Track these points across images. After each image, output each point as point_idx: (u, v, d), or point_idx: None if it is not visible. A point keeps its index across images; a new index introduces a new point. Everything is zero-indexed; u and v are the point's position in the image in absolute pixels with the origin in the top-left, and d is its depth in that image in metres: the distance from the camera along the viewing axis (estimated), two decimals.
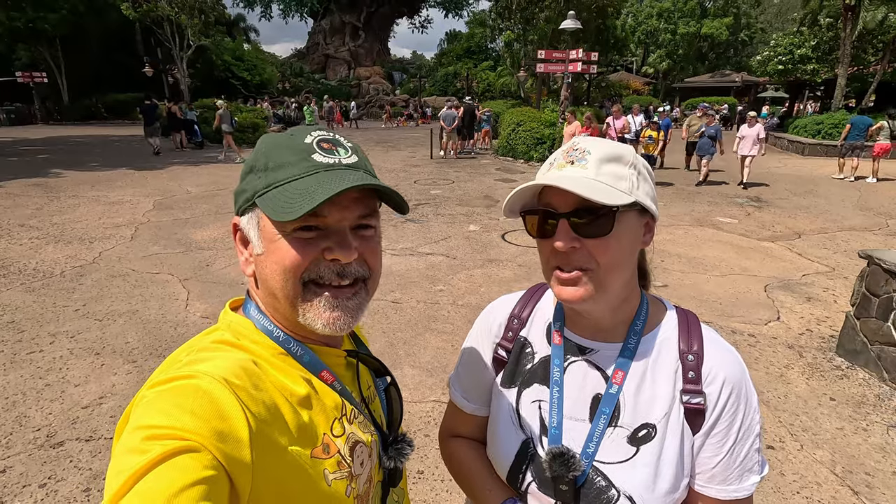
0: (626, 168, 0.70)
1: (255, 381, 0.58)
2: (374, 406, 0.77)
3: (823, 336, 3.95)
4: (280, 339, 0.65)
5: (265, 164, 0.62)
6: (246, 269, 0.67)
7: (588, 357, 0.79)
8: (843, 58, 17.73)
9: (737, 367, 0.75)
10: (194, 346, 0.62)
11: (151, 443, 0.47)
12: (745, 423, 0.73)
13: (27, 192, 9.28)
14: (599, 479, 0.74)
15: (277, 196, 0.59)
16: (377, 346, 3.71)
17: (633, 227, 0.72)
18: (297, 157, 0.61)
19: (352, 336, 0.81)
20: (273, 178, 0.61)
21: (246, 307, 0.69)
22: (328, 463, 0.62)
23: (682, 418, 0.73)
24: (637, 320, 0.78)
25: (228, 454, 0.49)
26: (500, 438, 0.84)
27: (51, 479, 2.39)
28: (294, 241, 0.60)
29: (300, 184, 0.59)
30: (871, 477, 2.47)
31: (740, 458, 0.73)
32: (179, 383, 0.53)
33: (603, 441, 0.75)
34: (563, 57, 14.59)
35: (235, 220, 0.67)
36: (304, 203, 0.57)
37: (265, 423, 0.55)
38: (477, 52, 42.29)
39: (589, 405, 0.77)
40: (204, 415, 0.50)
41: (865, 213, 8.23)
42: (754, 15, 40.77)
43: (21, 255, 5.68)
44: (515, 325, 0.88)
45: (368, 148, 17.84)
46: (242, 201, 0.64)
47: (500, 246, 6.29)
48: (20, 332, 3.85)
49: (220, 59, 34.51)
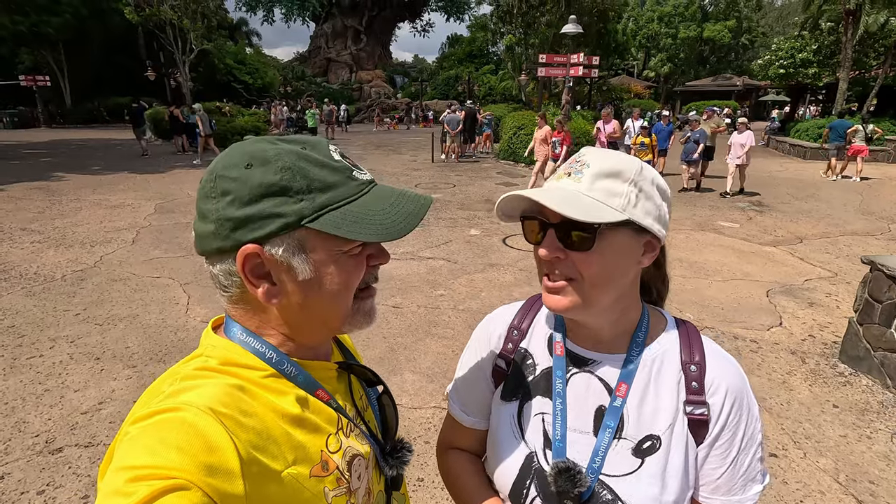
0: (625, 185, 0.68)
1: (243, 406, 0.56)
2: (367, 416, 0.76)
3: (826, 342, 3.93)
4: (273, 360, 0.62)
5: (307, 185, 0.58)
6: (271, 301, 0.60)
7: (590, 368, 0.78)
8: (845, 62, 17.74)
9: (738, 377, 0.75)
10: (177, 375, 0.59)
11: (137, 484, 0.45)
12: (747, 432, 0.73)
13: (29, 195, 9.30)
14: (605, 493, 0.73)
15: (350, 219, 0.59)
16: (377, 351, 3.70)
17: (626, 245, 0.70)
18: (342, 177, 0.61)
19: (339, 345, 0.80)
20: (327, 199, 0.58)
21: (229, 330, 0.64)
22: (328, 481, 0.61)
23: (686, 429, 0.73)
24: (639, 332, 0.77)
25: (219, 488, 0.48)
26: (502, 452, 0.82)
27: (49, 485, 2.38)
28: (351, 258, 0.62)
29: (361, 204, 0.61)
30: (876, 485, 2.44)
31: (744, 468, 0.73)
32: (163, 417, 0.51)
33: (608, 454, 0.74)
34: (565, 61, 14.63)
35: (253, 250, 0.57)
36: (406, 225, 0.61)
37: (257, 449, 0.54)
38: (478, 55, 42.40)
39: (592, 417, 0.76)
40: (191, 449, 0.48)
41: (868, 218, 8.21)
42: (755, 19, 40.83)
43: (22, 259, 5.69)
44: (515, 336, 0.87)
45: (368, 152, 17.88)
46: (278, 227, 0.57)
47: (501, 250, 6.28)
48: (20, 337, 3.84)
49: (223, 63, 34.66)
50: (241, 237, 0.57)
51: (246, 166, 0.57)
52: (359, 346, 3.72)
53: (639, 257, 0.72)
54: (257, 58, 41.60)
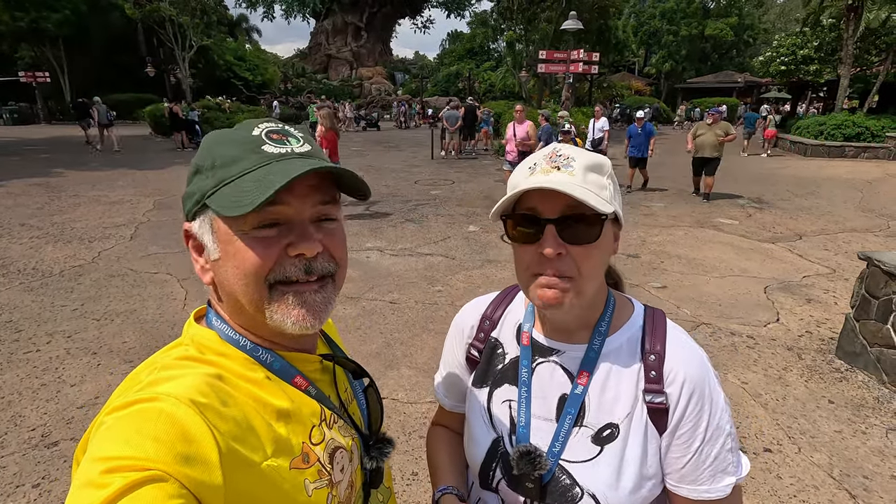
0: (605, 178, 0.72)
1: (223, 396, 0.55)
2: (352, 409, 0.76)
3: (823, 338, 3.93)
4: (247, 347, 0.62)
5: (211, 162, 0.58)
6: (204, 277, 0.62)
7: (554, 358, 0.80)
8: (846, 58, 17.64)
9: (698, 367, 0.75)
10: (156, 364, 0.58)
11: (111, 476, 0.44)
12: (711, 423, 0.73)
13: (28, 191, 9.30)
14: (564, 478, 0.75)
15: (229, 192, 0.56)
16: (374, 346, 3.70)
17: (611, 235, 0.74)
18: (245, 151, 0.58)
19: (325, 338, 0.80)
20: (222, 175, 0.57)
21: (208, 317, 0.65)
22: (308, 473, 0.60)
23: (647, 417, 0.74)
24: (602, 322, 0.79)
25: (196, 479, 0.47)
26: (474, 436, 0.86)
27: (45, 479, 2.38)
28: (253, 241, 0.57)
29: (252, 176, 0.56)
30: (870, 480, 2.45)
31: (710, 458, 0.73)
32: (140, 407, 0.50)
33: (569, 441, 0.76)
34: (565, 57, 14.62)
35: (187, 227, 0.62)
36: (259, 193, 0.53)
37: (236, 440, 0.53)
38: (479, 52, 42.33)
39: (556, 405, 0.79)
40: (167, 440, 0.47)
41: (867, 215, 8.19)
42: (757, 16, 40.67)
43: (21, 255, 5.69)
44: (487, 326, 0.90)
45: (368, 148, 17.85)
46: (192, 204, 0.60)
47: (499, 247, 6.28)
48: (18, 332, 3.85)
49: (223, 60, 34.57)
50: (185, 214, 0.63)
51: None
52: (356, 340, 3.74)
53: (615, 246, 0.76)
54: (257, 54, 41.51)
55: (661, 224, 7.47)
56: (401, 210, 8.25)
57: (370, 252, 5.99)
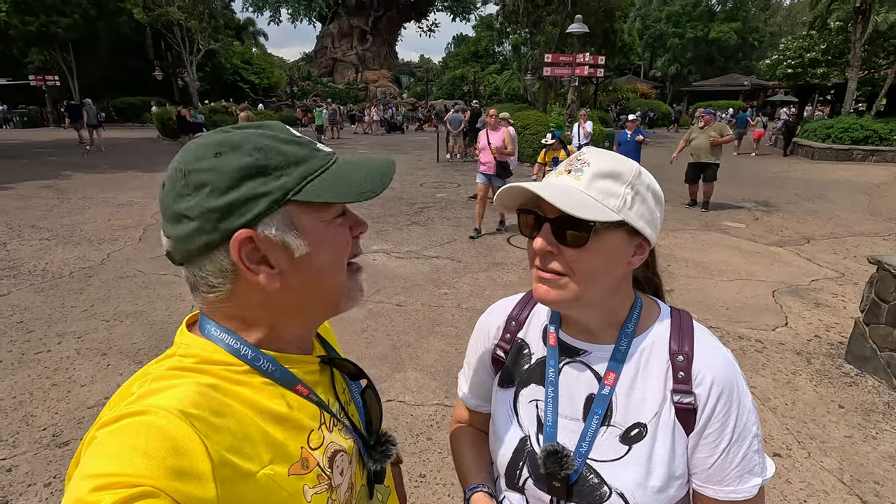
0: (622, 186, 0.70)
1: (216, 406, 0.54)
2: (350, 411, 0.75)
3: (832, 342, 3.90)
4: (249, 356, 0.60)
5: (279, 163, 0.57)
6: (273, 285, 0.59)
7: (581, 358, 0.81)
8: (854, 61, 17.55)
9: (726, 368, 0.75)
10: (148, 375, 0.56)
11: (101, 493, 0.43)
12: (739, 424, 0.74)
13: (38, 193, 9.39)
14: (592, 477, 0.76)
15: (330, 185, 0.59)
16: (381, 348, 3.71)
17: (619, 245, 0.72)
18: (309, 150, 0.61)
19: (320, 339, 0.78)
20: (304, 171, 0.58)
21: (204, 327, 0.62)
22: (307, 478, 0.60)
23: (674, 417, 0.74)
24: (628, 323, 0.79)
25: (188, 493, 0.46)
26: (500, 435, 0.87)
27: (56, 478, 2.41)
28: (338, 228, 0.63)
29: (335, 171, 0.61)
30: (881, 486, 2.43)
31: (737, 459, 0.73)
32: (130, 421, 0.49)
33: (596, 440, 0.77)
34: (570, 61, 14.60)
35: (247, 234, 0.55)
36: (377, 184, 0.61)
37: (230, 450, 0.52)
38: (484, 55, 42.42)
39: (583, 405, 0.79)
40: (158, 454, 0.46)
41: (876, 218, 8.13)
42: (763, 19, 40.55)
43: (31, 256, 5.75)
44: (513, 326, 0.91)
45: (374, 152, 17.91)
46: (265, 206, 0.56)
47: (505, 249, 6.28)
48: (28, 333, 3.89)
49: (229, 63, 34.88)
50: (230, 225, 0.55)
51: (216, 155, 0.56)
52: (362, 342, 3.75)
53: (629, 258, 0.75)
54: (264, 58, 41.78)
55: (666, 227, 7.45)
56: (407, 212, 8.26)
57: (376, 254, 6.00)
